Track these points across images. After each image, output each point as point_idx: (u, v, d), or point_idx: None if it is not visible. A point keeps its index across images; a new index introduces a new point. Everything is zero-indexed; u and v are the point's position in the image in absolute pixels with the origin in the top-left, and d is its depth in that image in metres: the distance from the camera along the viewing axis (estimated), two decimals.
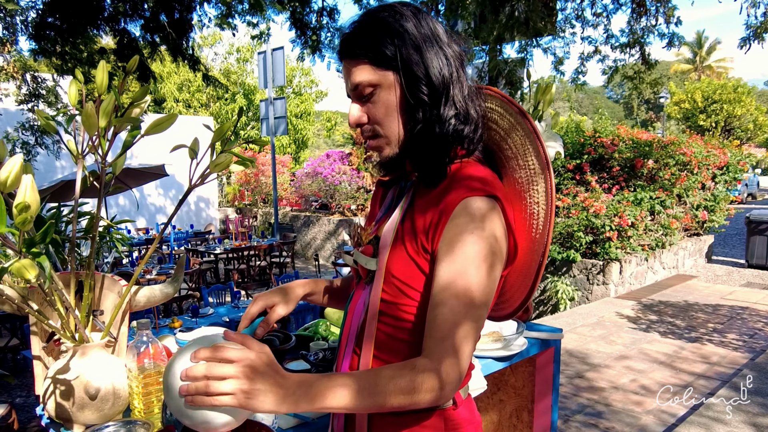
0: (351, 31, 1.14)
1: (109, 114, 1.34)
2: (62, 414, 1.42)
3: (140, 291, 1.66)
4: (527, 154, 1.20)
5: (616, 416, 4.04)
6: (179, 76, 24.13)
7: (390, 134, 1.16)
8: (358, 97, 1.16)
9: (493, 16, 6.07)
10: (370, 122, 1.17)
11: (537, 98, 1.80)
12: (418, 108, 1.12)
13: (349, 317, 1.26)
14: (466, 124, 1.15)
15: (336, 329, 2.40)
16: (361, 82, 1.13)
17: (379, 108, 1.14)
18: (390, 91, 1.13)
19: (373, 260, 1.19)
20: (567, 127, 10.53)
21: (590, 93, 54.10)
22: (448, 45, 1.14)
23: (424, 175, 1.16)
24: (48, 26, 5.62)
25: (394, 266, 1.15)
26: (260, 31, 7.91)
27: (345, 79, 1.19)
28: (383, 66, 1.11)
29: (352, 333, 1.22)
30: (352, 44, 1.13)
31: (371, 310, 1.17)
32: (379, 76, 1.12)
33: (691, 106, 31.12)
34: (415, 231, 1.13)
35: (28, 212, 0.95)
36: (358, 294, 1.24)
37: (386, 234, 1.19)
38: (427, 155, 1.14)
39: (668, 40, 7.73)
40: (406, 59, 1.10)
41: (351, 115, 1.18)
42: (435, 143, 1.13)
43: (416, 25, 1.12)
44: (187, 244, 11.91)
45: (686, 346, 5.64)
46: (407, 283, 1.13)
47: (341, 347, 1.27)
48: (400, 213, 1.19)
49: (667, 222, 8.73)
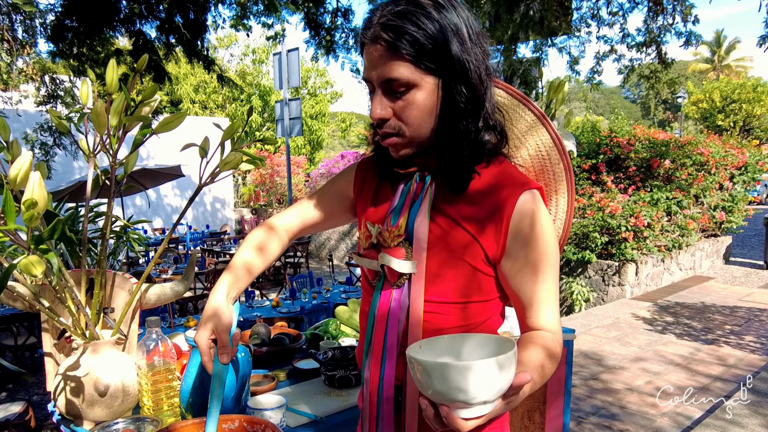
0: (396, 18, 1.03)
1: (119, 112, 1.35)
2: (72, 410, 1.43)
3: (151, 289, 1.67)
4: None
5: (631, 418, 4.00)
6: (195, 77, 24.28)
7: (415, 137, 1.10)
8: (387, 91, 1.08)
9: (507, 16, 6.04)
10: (395, 119, 1.09)
11: (549, 96, 1.78)
12: (458, 117, 1.08)
13: (380, 323, 1.19)
14: (495, 130, 1.14)
15: (346, 328, 2.40)
16: (399, 79, 1.05)
17: (411, 109, 1.07)
18: (427, 95, 1.07)
19: (408, 263, 1.14)
20: (583, 127, 10.46)
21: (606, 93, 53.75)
22: (484, 46, 1.10)
23: (453, 181, 1.13)
24: (65, 28, 5.68)
25: (437, 268, 1.13)
26: (275, 32, 7.94)
27: (371, 64, 1.08)
28: (427, 70, 1.05)
29: (393, 339, 1.17)
30: (395, 34, 1.03)
31: (414, 313, 1.14)
32: (420, 78, 1.05)
33: (710, 105, 30.77)
34: (462, 230, 1.12)
35: (36, 209, 0.95)
36: (386, 297, 1.18)
37: (419, 235, 1.14)
38: (460, 163, 1.12)
39: (685, 39, 7.65)
40: (454, 69, 1.05)
41: (375, 109, 1.09)
42: (470, 152, 1.11)
43: (467, 27, 1.06)
44: (202, 244, 11.99)
45: (703, 348, 5.57)
46: (457, 283, 1.12)
47: (375, 354, 1.19)
48: (427, 213, 1.15)
49: (684, 223, 8.64)
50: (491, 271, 1.14)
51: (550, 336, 1.10)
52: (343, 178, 1.40)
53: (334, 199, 1.42)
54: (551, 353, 1.07)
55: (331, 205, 1.43)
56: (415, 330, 1.14)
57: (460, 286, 1.12)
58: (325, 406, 1.69)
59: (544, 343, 1.07)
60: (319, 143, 25.72)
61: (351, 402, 1.72)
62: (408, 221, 1.17)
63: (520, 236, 1.10)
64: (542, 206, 1.12)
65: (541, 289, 1.12)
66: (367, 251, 1.24)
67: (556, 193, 1.29)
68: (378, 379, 1.19)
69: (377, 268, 1.20)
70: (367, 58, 1.09)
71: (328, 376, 1.82)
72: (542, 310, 1.12)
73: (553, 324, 1.12)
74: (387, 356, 1.17)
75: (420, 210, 1.16)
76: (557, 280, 1.15)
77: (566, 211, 1.29)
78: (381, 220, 1.23)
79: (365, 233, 1.26)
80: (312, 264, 12.92)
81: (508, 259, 1.12)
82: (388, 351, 1.17)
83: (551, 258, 1.12)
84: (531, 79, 6.58)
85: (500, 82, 1.28)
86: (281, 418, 1.51)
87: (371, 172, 1.32)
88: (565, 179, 1.28)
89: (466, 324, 1.14)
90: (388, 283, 1.18)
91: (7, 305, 1.49)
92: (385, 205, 1.25)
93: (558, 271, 1.15)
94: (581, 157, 9.14)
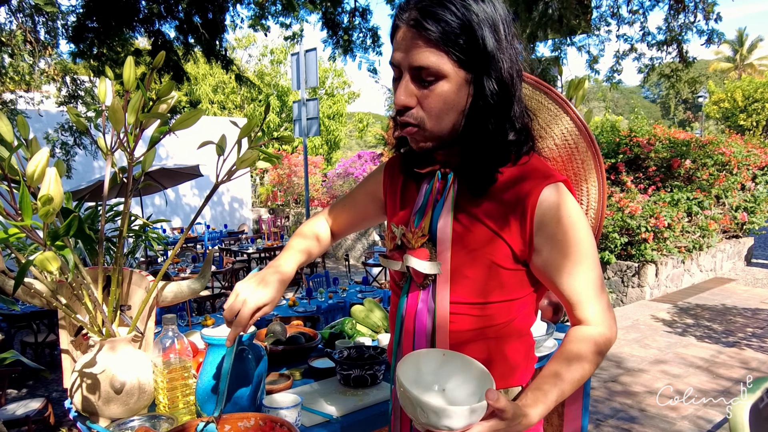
0: (435, 4, 1.00)
1: (136, 110, 1.35)
2: (89, 407, 1.44)
3: (168, 286, 1.67)
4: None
5: (651, 421, 3.95)
6: (214, 78, 24.45)
7: (437, 130, 1.08)
8: (415, 78, 1.05)
9: (526, 14, 5.99)
10: (419, 109, 1.06)
11: (569, 94, 1.76)
12: (486, 116, 1.06)
13: (408, 324, 1.19)
14: (522, 133, 1.12)
15: (362, 328, 2.39)
16: (429, 67, 1.01)
17: (437, 100, 1.04)
18: (456, 89, 1.04)
19: (433, 264, 1.13)
20: (602, 127, 10.35)
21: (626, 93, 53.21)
22: (518, 47, 1.08)
23: (474, 183, 1.11)
24: (86, 29, 5.74)
25: (462, 267, 1.11)
26: (293, 33, 7.96)
27: (402, 47, 1.05)
28: (459, 63, 1.02)
29: (421, 340, 1.16)
30: (432, 20, 0.99)
31: (440, 314, 1.13)
32: (451, 69, 1.02)
33: (731, 105, 30.31)
34: (485, 227, 1.10)
35: (51, 204, 0.95)
36: (414, 299, 1.18)
37: (443, 236, 1.13)
38: (484, 165, 1.10)
39: (707, 37, 7.54)
40: (487, 64, 1.02)
41: (399, 95, 1.06)
42: (495, 153, 1.09)
43: (504, 25, 1.04)
44: (220, 243, 12.07)
45: (724, 351, 5.48)
46: (479, 283, 1.10)
47: (405, 353, 1.17)
48: (450, 212, 1.13)
49: (704, 223, 8.52)
50: (519, 268, 1.12)
51: (587, 335, 1.09)
52: (372, 179, 1.40)
53: (367, 199, 1.42)
54: (578, 354, 1.07)
55: (365, 207, 1.44)
56: (441, 331, 1.13)
57: (480, 286, 1.11)
58: (341, 405, 1.68)
59: (570, 349, 1.08)
60: (336, 143, 25.76)
61: (366, 401, 1.71)
62: (431, 222, 1.15)
63: (546, 231, 1.08)
64: (568, 198, 1.09)
65: (580, 282, 1.09)
66: (392, 253, 1.23)
67: (586, 181, 1.26)
68: None
69: (403, 269, 1.19)
70: (398, 41, 1.06)
71: (344, 375, 1.81)
72: (585, 304, 1.10)
73: (596, 316, 1.10)
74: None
75: (443, 210, 1.14)
76: (598, 268, 1.11)
77: (598, 200, 1.26)
78: (405, 221, 1.22)
79: (390, 235, 1.25)
80: (328, 263, 12.94)
81: (538, 256, 1.10)
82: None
83: (585, 249, 1.09)
84: (550, 78, 6.54)
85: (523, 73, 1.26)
86: (296, 417, 1.50)
87: (397, 172, 1.31)
88: (594, 167, 1.25)
89: (488, 326, 1.13)
90: (415, 284, 1.17)
91: (26, 302, 1.50)
92: (410, 206, 1.23)
93: (597, 260, 1.11)
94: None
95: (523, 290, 1.14)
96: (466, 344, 1.13)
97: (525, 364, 1.20)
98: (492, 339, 1.14)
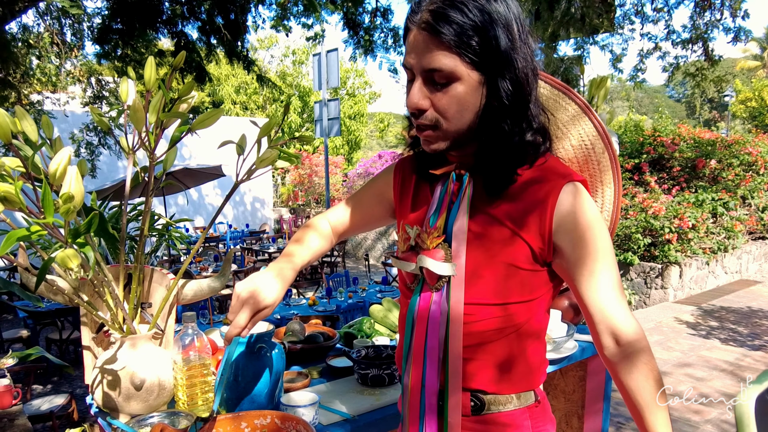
0: (447, 6, 0.99)
1: (157, 109, 1.37)
2: (109, 403, 1.46)
3: (188, 285, 1.68)
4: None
5: (674, 425, 3.90)
6: (236, 78, 24.65)
7: (451, 132, 1.07)
8: (428, 81, 1.04)
9: (548, 13, 5.95)
10: (433, 111, 1.05)
11: (591, 92, 1.74)
12: (501, 117, 1.05)
13: (420, 327, 1.16)
14: (539, 133, 1.11)
15: (380, 327, 2.39)
16: (441, 69, 1.00)
17: (451, 102, 1.03)
18: (470, 90, 1.03)
19: (447, 265, 1.11)
20: (626, 126, 10.25)
21: (650, 92, 52.55)
22: (532, 45, 1.07)
23: (491, 184, 1.10)
24: (111, 30, 5.82)
25: (477, 268, 1.10)
26: (315, 33, 8.00)
27: (414, 50, 1.04)
28: (472, 64, 1.01)
29: (434, 344, 1.14)
30: (444, 22, 0.98)
31: (454, 316, 1.11)
32: (464, 71, 1.01)
33: (759, 104, 29.79)
34: (504, 227, 1.09)
35: (72, 202, 0.96)
36: (426, 301, 1.15)
37: (459, 236, 1.11)
38: (501, 166, 1.09)
39: (734, 35, 7.43)
40: (501, 65, 1.01)
41: (412, 98, 1.05)
42: (511, 154, 1.08)
43: (517, 24, 1.02)
44: (242, 242, 12.17)
45: (749, 354, 5.39)
46: (497, 283, 1.09)
47: (416, 360, 1.16)
48: (466, 212, 1.12)
49: (730, 224, 8.38)
50: (537, 269, 1.10)
51: (630, 343, 1.08)
52: (381, 179, 1.38)
53: (373, 200, 1.40)
54: (642, 360, 1.09)
55: (371, 208, 1.42)
56: (456, 334, 1.11)
57: (499, 287, 1.09)
58: (358, 404, 1.69)
59: (637, 361, 1.10)
60: (357, 143, 25.82)
61: (384, 401, 1.71)
62: (447, 222, 1.14)
63: (566, 230, 1.07)
64: (587, 198, 1.08)
65: (602, 284, 1.07)
66: (405, 254, 1.21)
67: (602, 184, 1.25)
68: (420, 386, 1.15)
69: (416, 271, 1.17)
70: (410, 43, 1.05)
71: (362, 374, 1.81)
72: (611, 309, 1.07)
73: (623, 320, 1.07)
74: (428, 362, 1.14)
75: (459, 210, 1.13)
76: (616, 268, 1.09)
77: (613, 203, 1.25)
78: (419, 222, 1.20)
79: (403, 235, 1.23)
80: (348, 263, 12.97)
81: (559, 256, 1.09)
82: (429, 357, 1.14)
83: (605, 249, 1.08)
84: (572, 78, 6.49)
85: (541, 73, 1.23)
86: (314, 416, 1.50)
87: (409, 172, 1.29)
88: (611, 170, 1.24)
89: (507, 326, 1.11)
90: (427, 285, 1.15)
91: (48, 299, 1.52)
92: (424, 207, 1.21)
93: (615, 260, 1.10)
94: (624, 156, 8.96)
95: (539, 290, 1.13)
96: (489, 344, 1.12)
97: (541, 366, 1.19)
98: (514, 340, 1.13)
